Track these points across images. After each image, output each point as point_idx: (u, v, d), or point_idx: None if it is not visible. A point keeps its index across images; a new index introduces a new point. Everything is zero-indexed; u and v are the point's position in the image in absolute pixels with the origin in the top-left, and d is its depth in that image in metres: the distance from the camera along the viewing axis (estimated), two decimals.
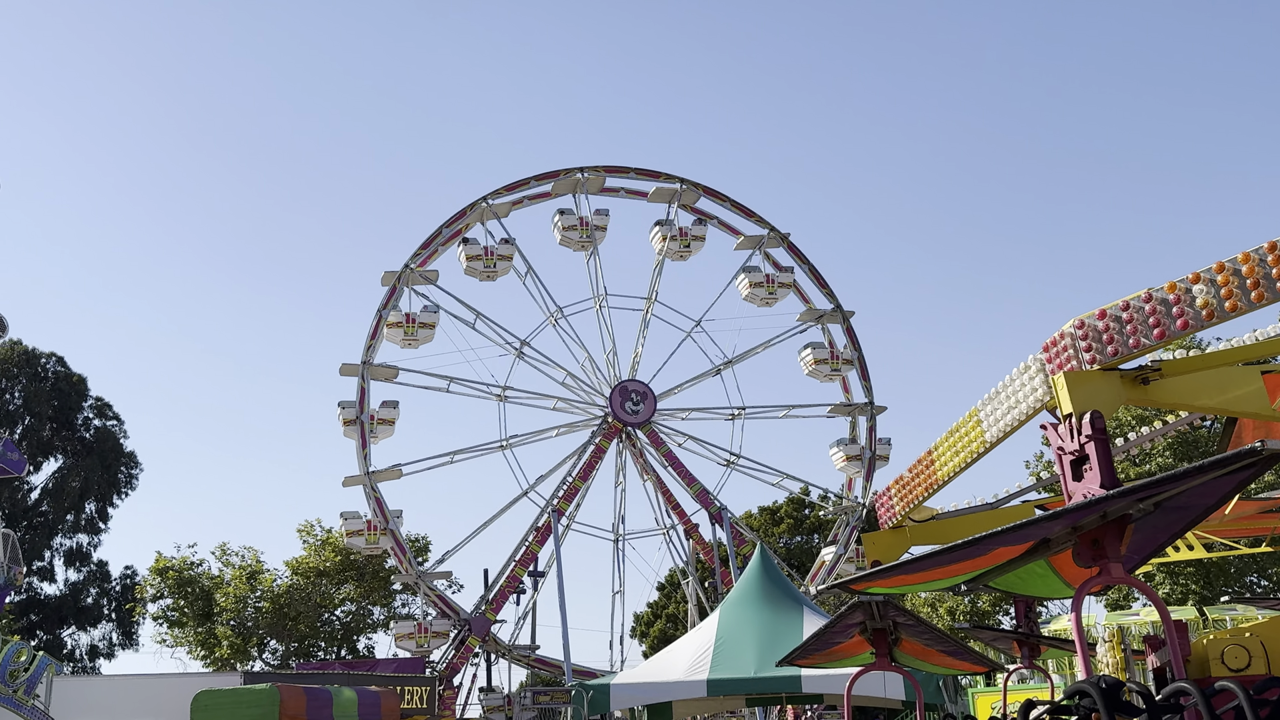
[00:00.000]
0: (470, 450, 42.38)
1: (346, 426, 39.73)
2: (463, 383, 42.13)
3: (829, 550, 45.09)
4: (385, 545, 39.42)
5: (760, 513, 59.81)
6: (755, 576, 19.16)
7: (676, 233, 44.30)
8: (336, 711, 15.21)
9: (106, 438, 59.57)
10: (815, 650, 12.80)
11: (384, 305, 40.81)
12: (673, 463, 43.60)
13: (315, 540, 48.80)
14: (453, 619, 40.13)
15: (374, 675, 33.69)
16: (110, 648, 58.36)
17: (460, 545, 42.06)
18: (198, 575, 48.13)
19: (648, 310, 44.85)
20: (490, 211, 42.64)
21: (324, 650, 49.43)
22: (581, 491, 42.67)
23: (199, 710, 14.28)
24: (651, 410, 43.37)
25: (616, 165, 44.73)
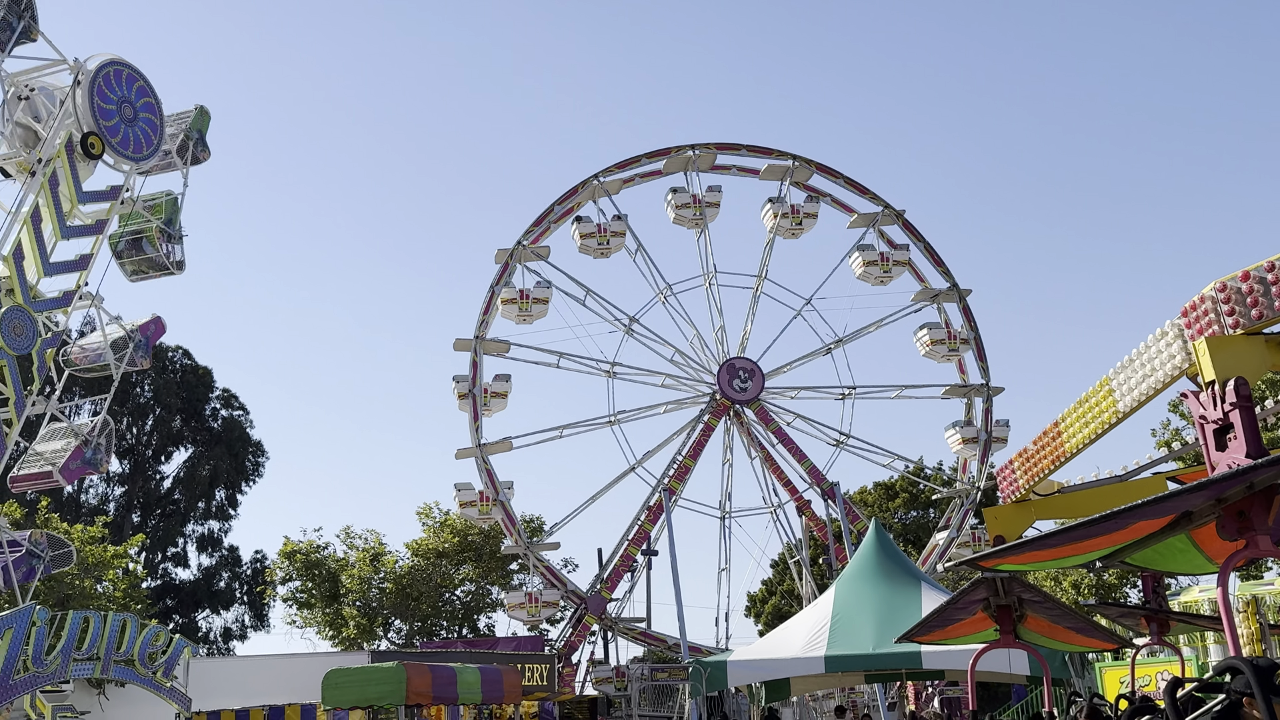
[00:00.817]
0: (579, 425, 42.81)
1: (461, 400, 40.51)
2: (572, 358, 42.55)
3: (942, 534, 44.45)
4: (497, 516, 40.10)
5: (875, 488, 59.12)
6: (871, 552, 18.96)
7: (788, 210, 43.83)
8: (461, 688, 15.50)
9: (233, 427, 61.66)
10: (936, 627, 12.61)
11: (497, 281, 41.38)
12: (782, 439, 43.36)
13: (434, 522, 49.87)
14: (561, 590, 40.73)
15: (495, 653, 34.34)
16: (243, 629, 60.53)
17: (568, 518, 42.57)
18: (324, 558, 49.59)
19: (757, 288, 44.59)
20: (602, 189, 42.82)
21: (446, 629, 50.52)
22: (691, 470, 42.75)
23: (330, 688, 14.69)
24: (759, 388, 43.19)
25: (728, 142, 44.41)
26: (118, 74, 19.55)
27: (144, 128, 19.91)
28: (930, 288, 45.05)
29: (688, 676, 18.11)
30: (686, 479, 42.52)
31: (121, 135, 19.42)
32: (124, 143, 19.45)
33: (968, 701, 15.18)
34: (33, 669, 18.01)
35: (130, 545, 43.17)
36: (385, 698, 14.44)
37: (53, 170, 18.74)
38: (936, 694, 35.69)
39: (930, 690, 35.66)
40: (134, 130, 19.70)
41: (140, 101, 19.89)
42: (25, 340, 17.25)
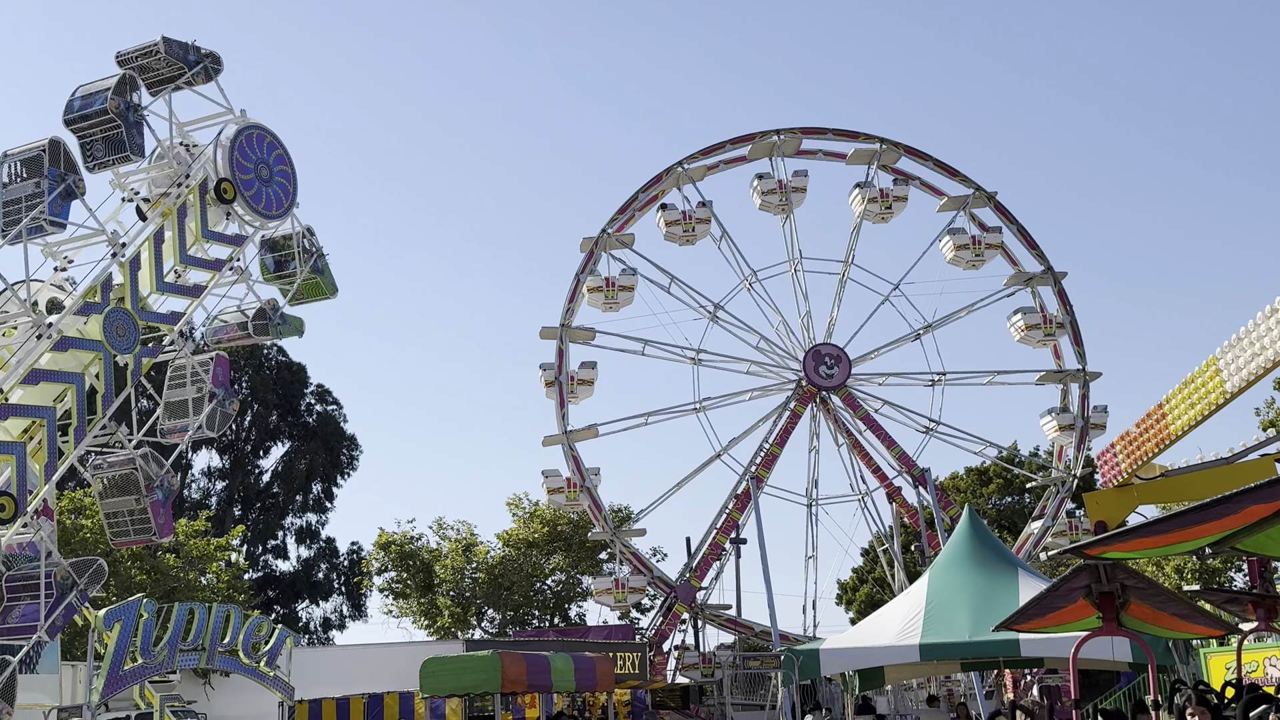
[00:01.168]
0: (664, 412, 42.86)
1: (548, 388, 40.88)
2: (657, 345, 42.62)
3: (1037, 522, 43.64)
4: (584, 503, 40.41)
5: (967, 474, 58.22)
6: (965, 539, 18.65)
7: (877, 194, 43.22)
8: (555, 676, 15.66)
9: (328, 422, 62.99)
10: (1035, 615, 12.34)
11: (582, 270, 41.58)
12: (871, 426, 42.91)
13: (524, 513, 50.43)
14: (647, 575, 40.89)
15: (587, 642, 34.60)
16: (341, 619, 61.89)
17: (654, 505, 42.61)
18: (417, 549, 50.46)
19: (844, 273, 44.10)
20: (686, 176, 42.73)
21: (537, 618, 51.09)
22: (778, 458, 42.55)
23: (428, 676, 14.94)
24: (846, 374, 42.80)
25: (813, 126, 43.91)
26: (258, 138, 20.42)
27: (278, 188, 20.68)
28: (1024, 271, 44.13)
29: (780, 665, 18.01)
30: (773, 467, 42.36)
31: (255, 190, 20.12)
32: (256, 197, 20.13)
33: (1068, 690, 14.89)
34: (141, 660, 18.63)
35: (232, 538, 44.39)
36: (481, 686, 14.65)
37: (183, 202, 19.36)
38: (1035, 682, 35.05)
39: (1029, 678, 35.04)
40: (268, 190, 20.46)
41: (277, 167, 20.68)
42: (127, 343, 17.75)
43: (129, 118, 18.68)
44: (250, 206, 20.14)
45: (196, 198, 19.53)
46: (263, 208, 20.40)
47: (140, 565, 37.06)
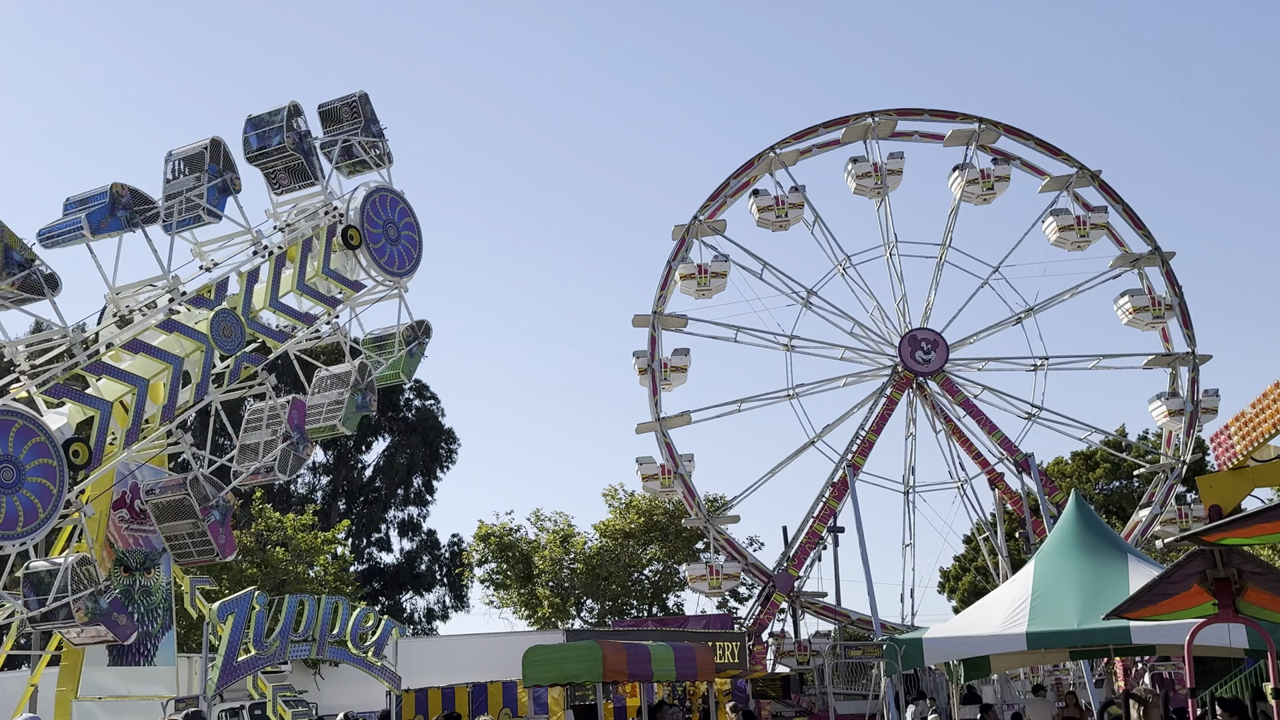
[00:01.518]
0: (757, 398, 42.71)
1: (641, 376, 41.02)
2: (750, 332, 42.43)
3: (1145, 510, 42.44)
4: (678, 489, 40.45)
5: (1073, 458, 56.88)
6: (1071, 524, 18.19)
7: (978, 175, 42.29)
8: (655, 666, 15.71)
9: (426, 417, 64.03)
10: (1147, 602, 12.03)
11: (674, 257, 41.59)
12: (970, 411, 42.17)
13: (620, 504, 50.70)
14: (741, 562, 40.79)
15: (686, 631, 34.71)
16: (444, 610, 62.89)
17: (747, 491, 42.45)
18: (516, 540, 51.09)
19: (941, 257, 43.35)
20: (778, 161, 42.40)
21: (635, 608, 51.34)
22: (874, 445, 42.08)
23: (530, 665, 15.11)
24: (943, 359, 42.10)
25: (909, 107, 43.21)
26: (391, 201, 21.06)
27: (405, 247, 21.18)
28: (1130, 252, 42.91)
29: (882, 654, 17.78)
30: (870, 454, 41.89)
31: (381, 246, 20.58)
32: (380, 251, 20.59)
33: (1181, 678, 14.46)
34: (254, 651, 19.17)
35: (337, 531, 45.42)
36: (583, 675, 14.77)
37: (309, 237, 19.84)
38: (1147, 670, 34.13)
39: (1140, 666, 34.13)
40: (396, 249, 20.96)
41: (403, 223, 21.21)
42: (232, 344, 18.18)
43: (303, 147, 19.74)
44: (376, 260, 20.54)
45: (323, 236, 20.02)
46: (385, 262, 20.83)
47: (251, 559, 38.16)
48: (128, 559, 18.62)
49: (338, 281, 20.26)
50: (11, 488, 14.89)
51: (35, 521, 15.21)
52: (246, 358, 18.47)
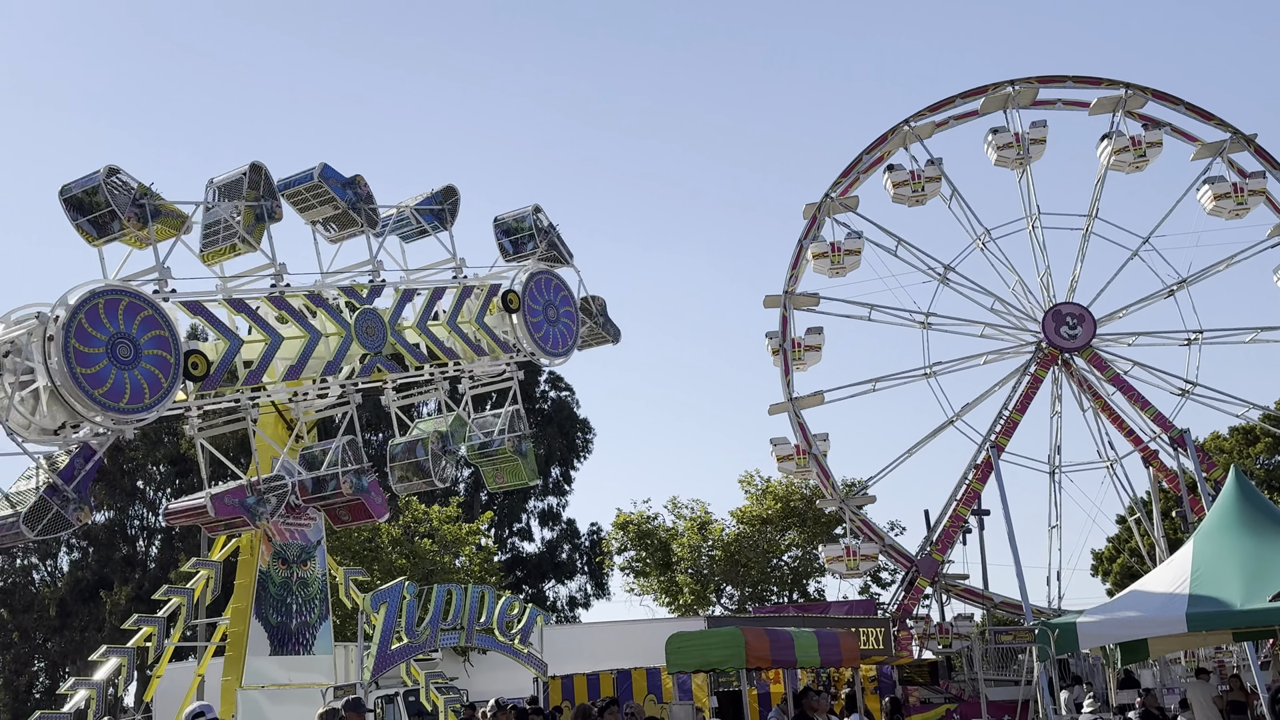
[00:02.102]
0: (893, 377, 42.05)
1: (774, 356, 40.78)
2: (884, 310, 41.77)
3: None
4: (813, 469, 40.09)
5: (1231, 434, 54.36)
6: (1232, 501, 17.45)
7: (1128, 143, 40.71)
8: (798, 652, 15.62)
9: (562, 408, 64.94)
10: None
11: (805, 235, 41.20)
12: (1121, 387, 40.65)
13: (756, 490, 50.54)
14: (879, 543, 40.24)
15: (828, 617, 34.40)
16: (586, 598, 63.77)
17: (884, 472, 41.80)
18: (654, 528, 51.41)
19: (1088, 228, 41.88)
20: (913, 134, 41.54)
21: (775, 594, 51.14)
22: (1018, 424, 40.95)
23: (673, 652, 15.18)
24: (1090, 334, 40.68)
25: (1050, 75, 41.85)
26: (546, 282, 21.48)
27: (563, 329, 21.59)
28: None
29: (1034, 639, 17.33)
30: (1014, 434, 40.78)
31: (539, 322, 21.02)
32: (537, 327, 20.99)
33: None
34: (406, 639, 19.76)
35: (481, 523, 46.46)
36: (726, 661, 14.79)
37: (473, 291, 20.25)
38: None
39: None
40: (555, 330, 21.38)
41: (563, 308, 21.65)
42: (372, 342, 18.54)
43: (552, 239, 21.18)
44: (530, 334, 20.82)
45: (484, 292, 20.43)
46: (548, 344, 21.15)
47: (400, 550, 39.36)
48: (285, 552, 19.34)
49: (487, 335, 20.52)
50: (127, 365, 14.52)
51: (141, 404, 14.66)
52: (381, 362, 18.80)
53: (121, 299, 15.04)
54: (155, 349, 15.05)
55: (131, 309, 15.03)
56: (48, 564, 59.68)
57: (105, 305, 14.78)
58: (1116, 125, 41.32)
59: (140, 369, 14.85)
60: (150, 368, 15.00)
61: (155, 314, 15.26)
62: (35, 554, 59.38)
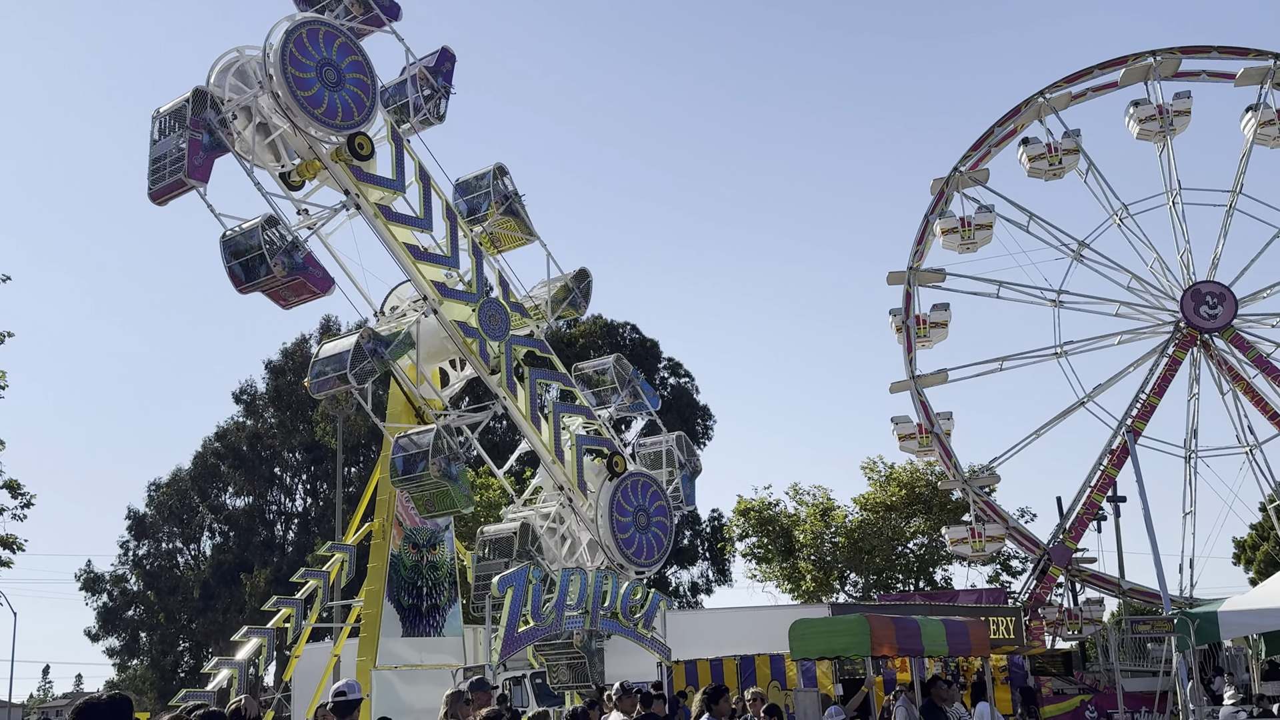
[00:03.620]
0: (1021, 356, 40.84)
1: (898, 334, 40.02)
2: (1013, 287, 40.57)
3: None
4: (935, 449, 39.27)
5: None
6: None
7: (1274, 116, 38.90)
8: (925, 640, 15.35)
9: (682, 394, 65.04)
10: None
11: (931, 210, 40.32)
12: (1265, 369, 38.87)
13: (879, 476, 49.84)
14: (1003, 524, 39.24)
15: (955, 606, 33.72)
16: (708, 584, 63.86)
17: (1010, 453, 40.62)
18: (776, 514, 51.13)
19: (1231, 204, 40.05)
20: (1048, 106, 40.30)
21: (901, 582, 50.40)
22: (1156, 408, 39.47)
23: (796, 639, 15.07)
24: (1231, 314, 38.96)
25: (1194, 45, 40.20)
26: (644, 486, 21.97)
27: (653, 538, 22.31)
28: None
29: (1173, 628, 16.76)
30: (1150, 418, 39.34)
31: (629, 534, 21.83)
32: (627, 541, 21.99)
33: None
34: (532, 623, 20.10)
35: None
36: (851, 649, 14.61)
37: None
38: None
39: None
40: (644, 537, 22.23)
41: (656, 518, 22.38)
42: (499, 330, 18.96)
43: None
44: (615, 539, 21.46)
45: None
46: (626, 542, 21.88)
47: None
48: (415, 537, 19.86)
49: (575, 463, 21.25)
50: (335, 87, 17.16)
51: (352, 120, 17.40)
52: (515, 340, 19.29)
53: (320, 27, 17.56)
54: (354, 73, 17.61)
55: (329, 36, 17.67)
56: (191, 548, 62.36)
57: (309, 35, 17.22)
58: (1263, 97, 39.52)
59: (347, 90, 17.73)
60: (355, 90, 17.61)
61: (348, 40, 17.80)
62: (180, 539, 62.12)
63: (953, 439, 39.67)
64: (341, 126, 17.54)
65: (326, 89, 17.26)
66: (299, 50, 16.77)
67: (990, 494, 40.55)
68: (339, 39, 17.77)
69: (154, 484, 62.23)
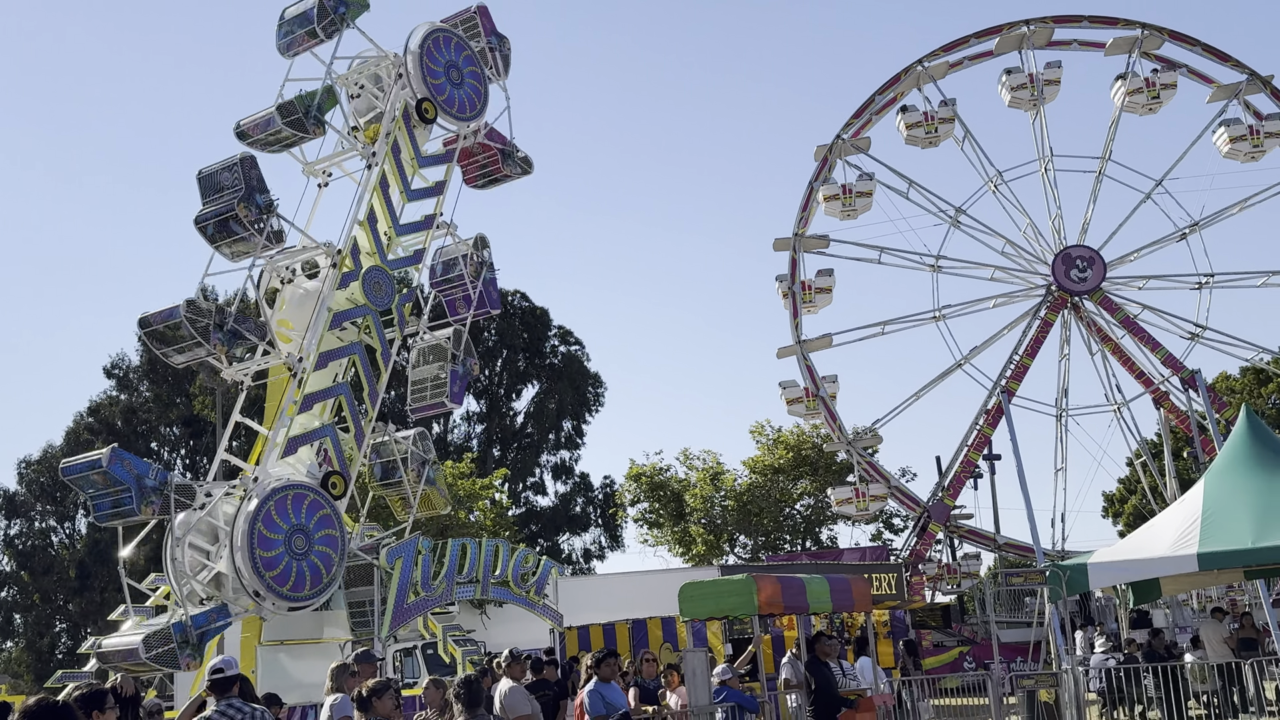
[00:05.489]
0: (902, 320, 41.90)
1: (784, 299, 40.63)
2: (894, 252, 41.47)
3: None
4: (821, 412, 40.11)
5: (1242, 374, 54.23)
6: (1243, 441, 17.42)
7: (1142, 84, 40.15)
8: (810, 598, 15.68)
9: (572, 362, 65.01)
10: None
11: (816, 178, 40.90)
12: (1131, 329, 40.50)
13: (767, 439, 50.67)
14: (885, 483, 40.37)
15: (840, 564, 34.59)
16: (600, 550, 64.30)
17: (891, 414, 41.68)
18: (667, 479, 51.65)
19: (1100, 170, 41.42)
20: (926, 75, 41.00)
21: (789, 543, 51.45)
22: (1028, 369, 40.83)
23: (685, 600, 15.26)
24: (1100, 277, 40.44)
25: (1066, 14, 41.18)
26: (446, 40, 20.87)
27: (470, 90, 21.15)
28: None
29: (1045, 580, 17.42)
30: (1024, 379, 40.71)
31: (447, 95, 20.62)
32: (450, 102, 20.64)
33: None
34: (422, 593, 19.94)
35: (495, 478, 46.70)
36: (738, 609, 14.87)
37: (394, 139, 20.14)
38: None
39: None
40: (460, 93, 20.93)
41: (468, 69, 21.15)
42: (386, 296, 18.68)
43: None
44: (447, 112, 20.66)
45: (404, 128, 20.18)
46: (456, 110, 20.87)
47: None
48: None
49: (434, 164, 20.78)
50: (302, 555, 17.01)
51: (320, 585, 17.30)
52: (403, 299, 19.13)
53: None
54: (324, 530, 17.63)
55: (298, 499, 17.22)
56: (65, 526, 60.33)
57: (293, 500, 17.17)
58: (1131, 66, 40.78)
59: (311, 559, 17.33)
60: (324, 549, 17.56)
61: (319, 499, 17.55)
62: (53, 516, 60.01)
63: (837, 402, 40.53)
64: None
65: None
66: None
67: (873, 455, 41.55)
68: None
69: (24, 461, 60.14)
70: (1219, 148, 40.07)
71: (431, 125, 20.66)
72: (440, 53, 20.60)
